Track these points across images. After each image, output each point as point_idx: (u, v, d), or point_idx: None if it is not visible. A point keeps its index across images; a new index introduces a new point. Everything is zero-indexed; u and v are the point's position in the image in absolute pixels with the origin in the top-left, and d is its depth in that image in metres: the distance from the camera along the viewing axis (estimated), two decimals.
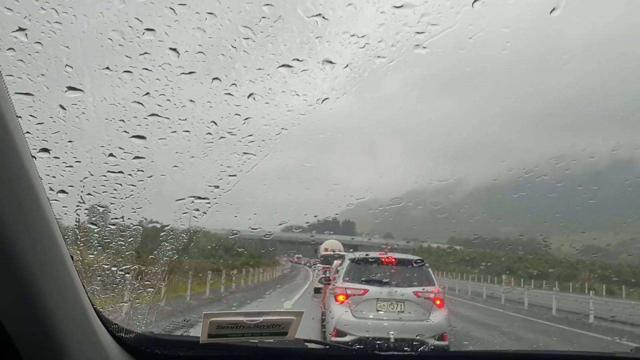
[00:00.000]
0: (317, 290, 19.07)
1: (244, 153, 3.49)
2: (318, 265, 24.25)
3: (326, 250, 24.40)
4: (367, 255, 11.42)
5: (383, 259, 10.63)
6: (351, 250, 14.08)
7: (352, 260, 11.10)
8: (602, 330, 17.43)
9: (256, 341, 2.32)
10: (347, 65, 3.60)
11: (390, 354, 2.64)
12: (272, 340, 2.33)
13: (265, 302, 17.67)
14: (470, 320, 17.41)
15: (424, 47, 3.58)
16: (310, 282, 26.56)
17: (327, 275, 14.51)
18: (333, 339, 9.00)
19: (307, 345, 2.57)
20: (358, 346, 2.79)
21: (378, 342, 7.82)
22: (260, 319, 2.11)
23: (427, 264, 10.92)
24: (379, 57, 3.66)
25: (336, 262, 13.76)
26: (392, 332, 8.79)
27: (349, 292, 10.13)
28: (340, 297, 10.14)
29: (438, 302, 10.10)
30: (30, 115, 2.50)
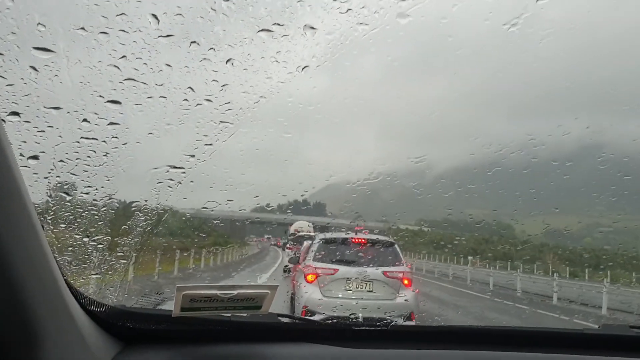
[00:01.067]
0: (286, 270, 19.15)
1: (221, 121, 3.42)
2: (288, 245, 24.35)
3: (296, 230, 24.49)
4: (337, 235, 11.52)
5: (353, 239, 10.75)
6: (325, 231, 14.15)
7: (323, 241, 11.20)
8: (565, 311, 17.92)
9: (229, 315, 2.31)
10: (328, 32, 3.56)
11: (362, 328, 2.65)
12: (245, 315, 2.32)
13: (235, 282, 17.63)
14: (437, 300, 17.70)
15: (407, 15, 3.55)
16: (280, 261, 26.63)
17: (297, 255, 14.58)
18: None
19: (281, 319, 2.57)
20: (331, 321, 2.79)
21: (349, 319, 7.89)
22: (235, 292, 2.10)
23: (396, 245, 11.07)
24: (361, 24, 3.61)
25: (306, 243, 13.84)
26: (359, 312, 8.91)
27: (318, 271, 10.23)
28: (310, 277, 10.23)
29: (406, 281, 10.28)
30: (0, 76, 2.41)
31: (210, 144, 3.40)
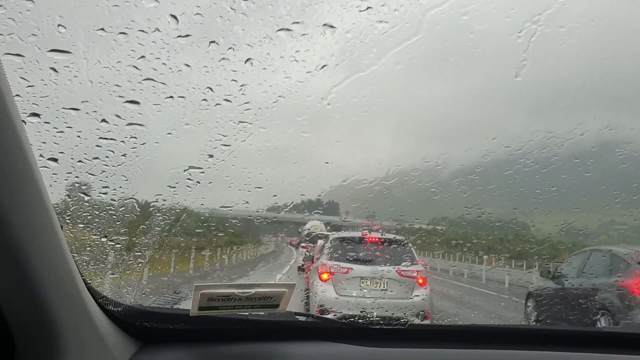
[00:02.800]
0: (301, 269, 19.17)
1: (240, 121, 3.41)
2: (302, 244, 24.35)
3: (311, 229, 24.46)
4: (351, 234, 11.49)
5: (367, 238, 10.70)
6: (339, 230, 14.13)
7: (337, 239, 11.18)
8: None
9: (247, 314, 2.30)
10: (347, 30, 3.53)
11: (379, 327, 2.63)
12: (263, 313, 2.31)
13: (251, 280, 17.63)
14: (452, 299, 17.59)
15: (428, 12, 3.51)
16: (294, 260, 26.65)
17: (311, 254, 14.57)
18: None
19: (298, 318, 2.56)
20: (348, 319, 2.78)
21: (365, 317, 7.88)
22: (252, 291, 2.09)
23: (410, 243, 11.01)
24: (381, 21, 3.59)
25: (320, 242, 13.81)
26: (374, 311, 8.88)
27: (332, 270, 10.21)
28: (324, 276, 10.22)
29: (421, 280, 10.22)
30: (21, 78, 2.41)
31: (229, 144, 3.40)
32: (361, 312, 9.01)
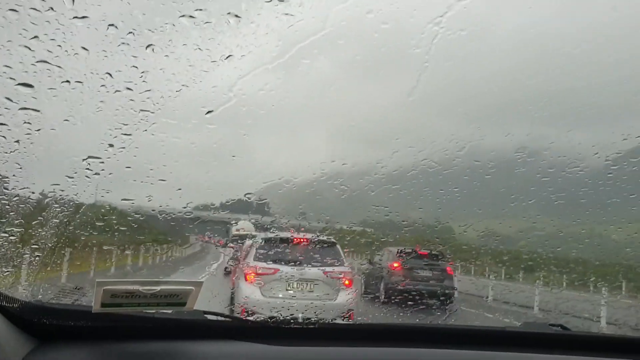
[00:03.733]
0: (227, 270, 18.98)
1: (141, 110, 3.30)
2: (229, 244, 24.08)
3: (238, 230, 24.19)
4: (278, 235, 11.44)
5: (295, 239, 10.70)
6: (267, 231, 14.07)
7: (264, 240, 11.11)
8: (498, 310, 18.56)
9: (153, 311, 2.23)
10: (253, 21, 3.49)
11: (291, 327, 2.63)
12: (169, 311, 2.25)
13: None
14: (375, 300, 17.90)
15: (333, 7, 3.52)
16: (220, 261, 26.32)
17: (238, 255, 14.44)
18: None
19: (207, 317, 2.51)
20: (261, 319, 2.76)
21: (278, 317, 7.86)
22: (157, 288, 2.03)
23: (337, 245, 11.09)
24: (287, 14, 3.57)
25: (247, 242, 13.70)
26: (299, 312, 8.89)
27: (259, 271, 10.15)
28: (250, 277, 10.14)
29: (347, 282, 10.33)
30: None
31: (130, 134, 3.29)
32: (286, 313, 8.99)
